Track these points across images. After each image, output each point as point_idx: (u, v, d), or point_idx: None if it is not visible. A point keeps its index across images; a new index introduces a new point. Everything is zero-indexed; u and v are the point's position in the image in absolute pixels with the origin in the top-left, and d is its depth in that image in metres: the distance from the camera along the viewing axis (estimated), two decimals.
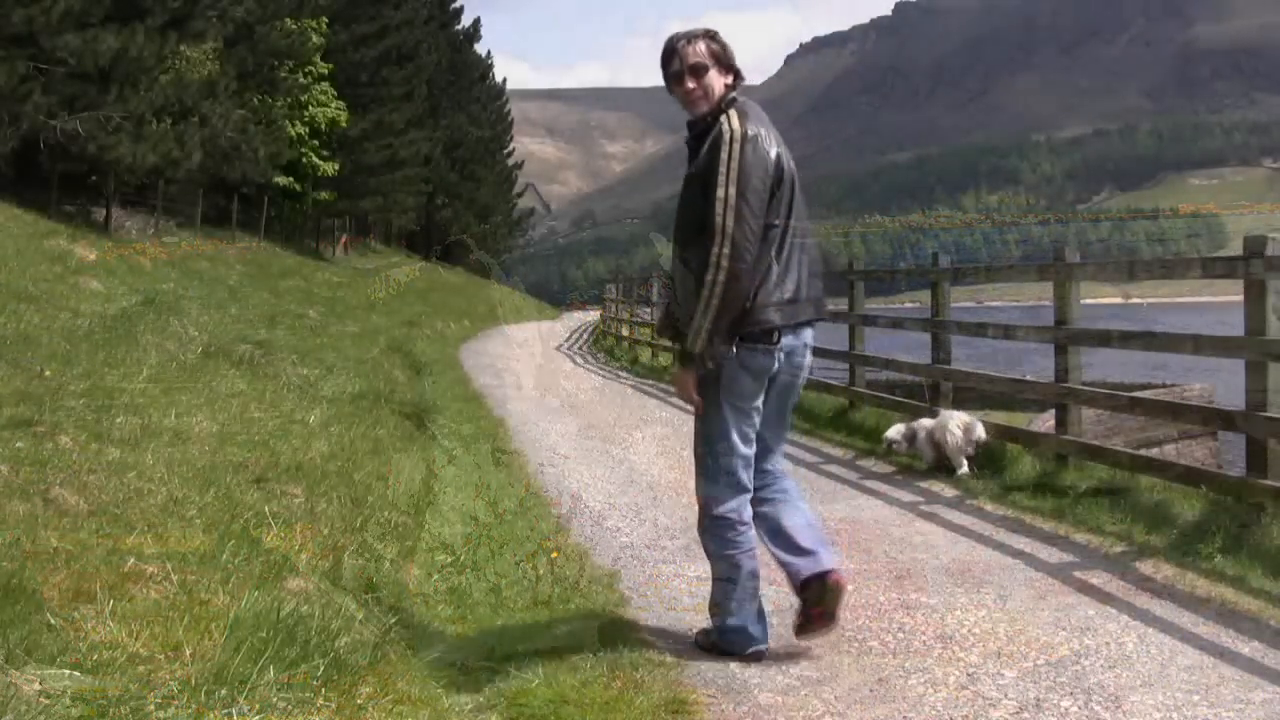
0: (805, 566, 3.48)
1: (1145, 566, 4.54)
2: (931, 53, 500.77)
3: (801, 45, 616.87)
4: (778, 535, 3.54)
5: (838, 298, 10.92)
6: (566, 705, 3.06)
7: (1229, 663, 3.45)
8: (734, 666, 3.46)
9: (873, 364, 9.45)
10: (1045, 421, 12.39)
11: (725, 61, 3.47)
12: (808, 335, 3.52)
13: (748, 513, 3.49)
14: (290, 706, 2.40)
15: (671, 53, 3.49)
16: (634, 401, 11.08)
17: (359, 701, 2.58)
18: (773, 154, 3.35)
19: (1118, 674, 3.36)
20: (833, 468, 7.13)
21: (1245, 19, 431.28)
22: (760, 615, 3.54)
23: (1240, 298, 4.96)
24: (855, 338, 9.32)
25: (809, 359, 3.55)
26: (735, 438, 3.42)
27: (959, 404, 7.22)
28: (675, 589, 4.32)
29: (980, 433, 6.61)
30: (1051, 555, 4.78)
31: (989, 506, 5.80)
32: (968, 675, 3.35)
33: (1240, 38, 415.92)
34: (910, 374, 8.85)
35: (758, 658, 3.48)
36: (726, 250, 3.24)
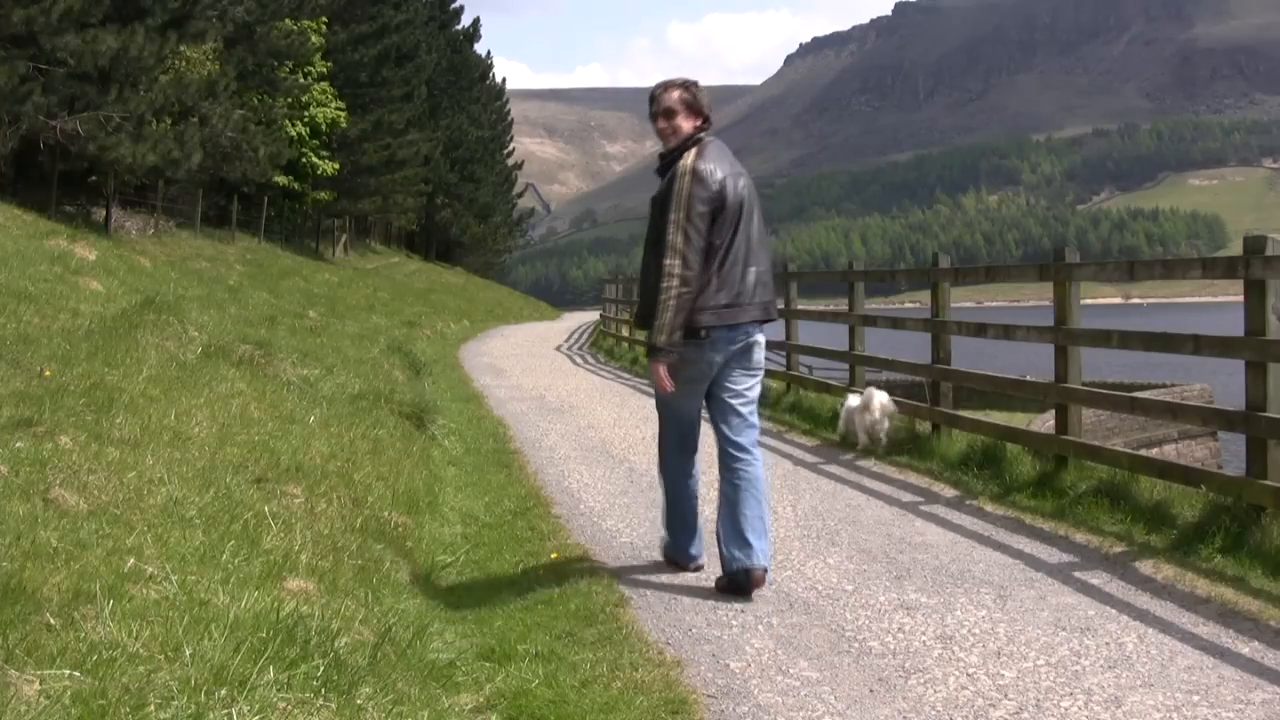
0: (738, 560, 4.14)
1: (1145, 566, 4.54)
2: (931, 53, 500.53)
3: (801, 45, 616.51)
4: (729, 519, 4.19)
5: (838, 298, 10.93)
6: (566, 705, 3.06)
7: (1229, 663, 3.45)
8: (734, 666, 3.46)
9: (873, 364, 9.46)
10: (1045, 421, 12.42)
11: (695, 108, 4.25)
12: (751, 331, 4.24)
13: (690, 459, 4.43)
14: (290, 707, 2.40)
15: (653, 98, 4.33)
16: (634, 402, 11.08)
17: (359, 701, 2.57)
18: (715, 186, 4.07)
19: (1118, 674, 3.36)
20: (832, 467, 7.13)
21: (1245, 19, 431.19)
22: (698, 535, 4.49)
23: (1240, 298, 4.96)
24: (855, 338, 9.32)
25: (759, 351, 4.31)
26: (684, 406, 4.33)
27: (958, 403, 7.24)
28: (675, 589, 4.33)
29: (886, 421, 7.45)
30: (1051, 555, 4.78)
31: (989, 506, 5.80)
32: (968, 675, 3.35)
33: (1240, 38, 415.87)
34: (910, 374, 8.85)
35: (691, 566, 4.48)
36: (678, 262, 4.02)
